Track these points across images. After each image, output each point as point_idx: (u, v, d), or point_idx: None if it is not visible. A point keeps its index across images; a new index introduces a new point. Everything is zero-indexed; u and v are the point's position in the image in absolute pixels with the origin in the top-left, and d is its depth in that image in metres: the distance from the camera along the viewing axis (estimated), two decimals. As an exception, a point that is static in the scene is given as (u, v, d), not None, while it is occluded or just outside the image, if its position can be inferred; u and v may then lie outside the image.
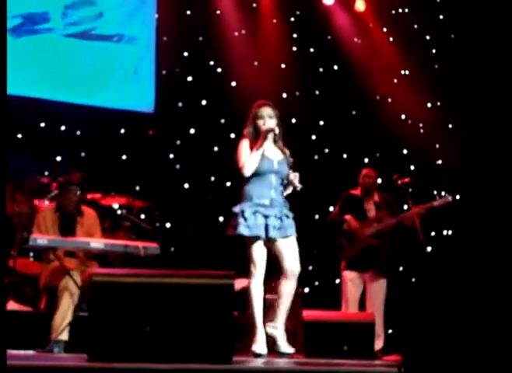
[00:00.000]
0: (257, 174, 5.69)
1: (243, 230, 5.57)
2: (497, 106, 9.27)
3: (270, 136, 5.79)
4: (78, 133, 8.98)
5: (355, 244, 7.41)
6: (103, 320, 4.44)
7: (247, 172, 5.67)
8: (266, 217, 5.60)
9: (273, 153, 5.82)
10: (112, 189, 7.98)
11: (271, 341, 5.59)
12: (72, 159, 8.71)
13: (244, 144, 5.79)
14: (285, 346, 5.54)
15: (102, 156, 8.85)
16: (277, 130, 5.80)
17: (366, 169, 7.76)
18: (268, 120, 5.82)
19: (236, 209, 5.67)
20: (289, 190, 5.79)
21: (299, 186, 5.74)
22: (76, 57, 9.02)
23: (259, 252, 5.60)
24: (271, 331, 5.59)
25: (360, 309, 7.45)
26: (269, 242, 5.63)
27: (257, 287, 5.58)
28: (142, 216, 8.40)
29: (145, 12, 9.49)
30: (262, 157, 5.71)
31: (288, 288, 5.62)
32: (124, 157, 9.18)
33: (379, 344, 7.14)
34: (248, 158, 5.67)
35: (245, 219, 5.58)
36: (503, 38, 9.25)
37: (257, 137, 5.75)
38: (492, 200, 9.02)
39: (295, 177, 5.73)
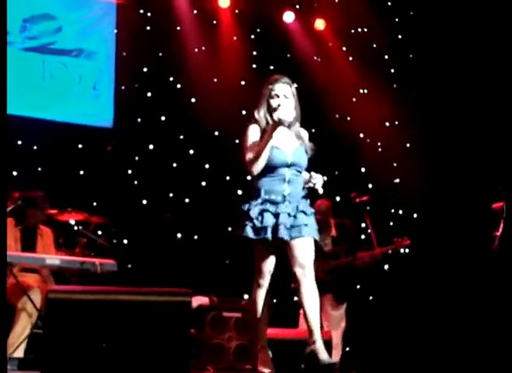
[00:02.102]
0: (267, 167, 4.96)
1: (249, 232, 4.88)
2: (454, 125, 9.37)
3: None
4: (35, 147, 8.89)
5: None
6: (58, 337, 4.37)
7: (255, 170, 4.93)
8: (276, 215, 4.90)
9: (287, 141, 5.06)
10: (69, 205, 7.90)
11: (312, 358, 4.88)
12: (29, 174, 8.62)
13: (253, 132, 5.03)
14: (327, 358, 4.79)
15: (59, 171, 8.77)
16: (290, 118, 4.97)
17: (318, 201, 7.58)
18: (284, 100, 5.03)
19: (244, 207, 4.98)
20: (308, 186, 5.10)
21: (320, 191, 5.07)
22: (35, 71, 8.97)
23: (265, 258, 4.95)
24: (309, 349, 4.87)
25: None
26: (281, 244, 4.94)
27: (260, 297, 5.02)
28: (99, 232, 8.32)
29: (104, 27, 9.46)
30: (273, 147, 4.94)
31: (307, 296, 4.89)
32: (81, 172, 9.10)
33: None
34: (255, 155, 4.91)
35: (251, 220, 4.89)
36: (460, 58, 9.36)
37: (266, 121, 5.02)
38: (450, 219, 9.10)
39: (317, 181, 5.04)
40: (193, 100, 9.64)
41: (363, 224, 7.72)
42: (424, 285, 8.94)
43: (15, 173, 8.71)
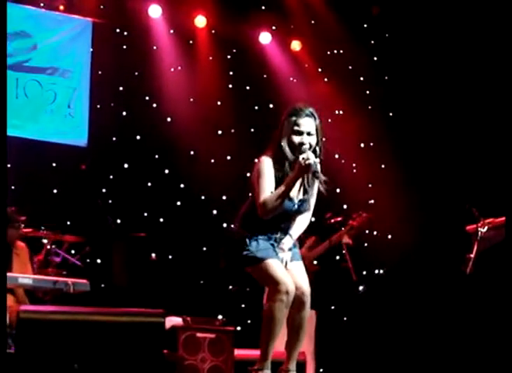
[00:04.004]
0: None
1: (250, 257, 4.52)
2: (429, 146, 9.42)
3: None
4: (9, 165, 8.83)
5: None
6: (29, 358, 4.32)
7: (266, 215, 4.53)
8: (271, 245, 4.60)
9: (296, 189, 4.65)
10: (42, 224, 7.84)
11: None
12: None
13: (268, 168, 4.59)
14: None
15: (33, 190, 8.71)
16: (318, 167, 4.51)
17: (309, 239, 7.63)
18: (307, 138, 4.59)
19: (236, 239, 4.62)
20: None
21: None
22: (9, 89, 8.90)
23: (279, 266, 4.48)
24: None
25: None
26: None
27: (282, 311, 4.43)
28: (73, 251, 8.26)
29: (80, 45, 9.44)
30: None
31: (299, 326, 4.56)
32: (55, 191, 9.04)
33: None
34: (276, 203, 4.49)
35: (247, 247, 4.52)
36: (435, 80, 9.43)
37: (286, 157, 4.56)
38: (424, 240, 9.12)
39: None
40: (168, 120, 9.63)
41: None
42: (398, 307, 8.95)
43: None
